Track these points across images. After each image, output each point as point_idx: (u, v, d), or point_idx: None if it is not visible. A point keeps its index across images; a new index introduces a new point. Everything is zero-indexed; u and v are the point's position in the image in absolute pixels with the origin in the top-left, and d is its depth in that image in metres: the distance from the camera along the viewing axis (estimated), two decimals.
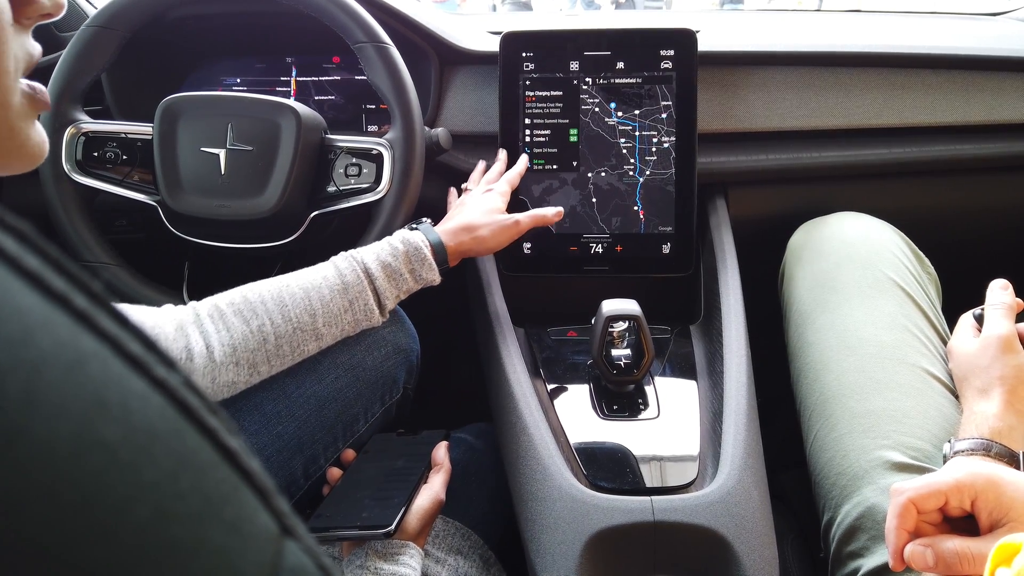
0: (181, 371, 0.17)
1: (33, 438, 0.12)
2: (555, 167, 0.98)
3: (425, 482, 0.74)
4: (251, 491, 0.17)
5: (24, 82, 0.41)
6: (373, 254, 0.77)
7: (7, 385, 0.12)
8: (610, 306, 0.78)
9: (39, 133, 0.42)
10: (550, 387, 0.83)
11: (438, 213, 0.86)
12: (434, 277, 0.79)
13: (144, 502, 0.14)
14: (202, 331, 0.69)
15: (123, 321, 0.16)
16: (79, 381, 0.14)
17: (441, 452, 0.77)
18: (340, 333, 0.75)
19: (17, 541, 0.12)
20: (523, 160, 0.96)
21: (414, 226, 0.83)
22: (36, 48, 0.41)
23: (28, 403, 0.12)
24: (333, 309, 0.73)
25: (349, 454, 0.80)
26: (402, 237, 0.79)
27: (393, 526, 0.66)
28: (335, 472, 0.77)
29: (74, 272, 0.15)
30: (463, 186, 0.95)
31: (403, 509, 0.68)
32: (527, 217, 0.86)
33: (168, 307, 0.71)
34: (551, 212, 0.89)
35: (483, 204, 0.86)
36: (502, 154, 0.98)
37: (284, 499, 0.18)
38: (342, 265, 0.75)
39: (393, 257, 0.77)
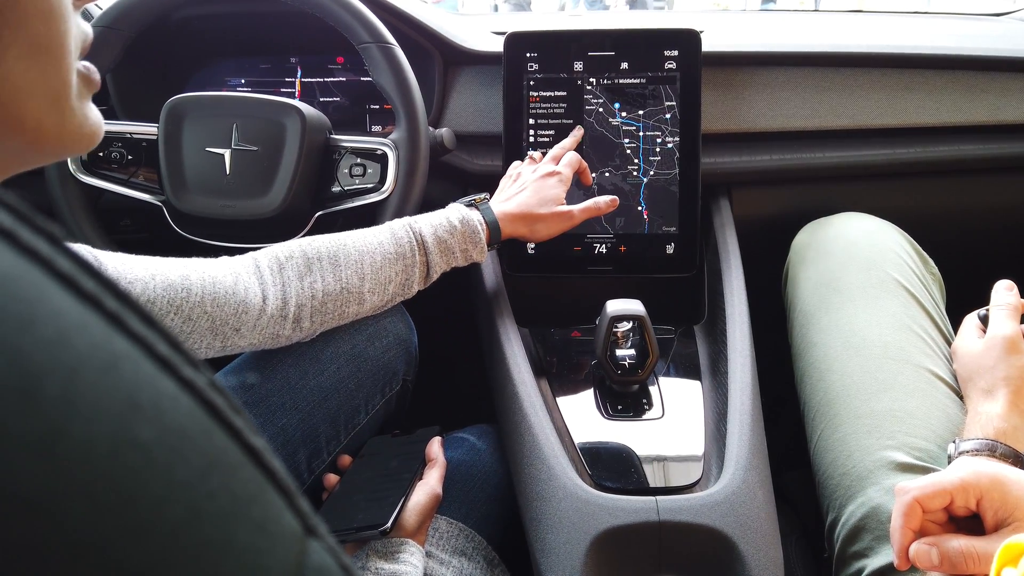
0: (206, 372, 0.17)
1: (72, 439, 0.12)
2: None
3: (420, 478, 0.74)
4: (276, 491, 0.17)
5: (79, 63, 0.40)
6: (431, 228, 0.76)
7: (47, 386, 0.12)
8: (614, 306, 0.78)
9: (95, 114, 0.41)
10: (554, 387, 0.83)
11: None
12: (482, 259, 0.79)
13: (177, 501, 0.14)
14: (261, 282, 0.69)
15: (150, 322, 0.16)
16: (114, 382, 0.14)
17: (435, 447, 0.77)
18: (380, 303, 0.75)
19: (58, 540, 0.12)
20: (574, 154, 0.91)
21: (473, 201, 0.82)
22: (88, 29, 0.41)
23: (67, 404, 0.13)
24: (381, 278, 0.73)
25: (345, 460, 0.80)
26: (461, 216, 0.78)
27: (389, 524, 0.66)
28: (332, 478, 0.77)
29: (102, 274, 0.15)
30: (529, 153, 0.92)
31: (398, 507, 0.68)
32: (580, 210, 0.85)
33: (225, 259, 0.70)
34: (604, 202, 0.87)
35: (545, 191, 0.83)
36: (579, 131, 0.95)
37: (305, 499, 0.19)
38: (400, 234, 0.75)
39: (450, 235, 0.76)
